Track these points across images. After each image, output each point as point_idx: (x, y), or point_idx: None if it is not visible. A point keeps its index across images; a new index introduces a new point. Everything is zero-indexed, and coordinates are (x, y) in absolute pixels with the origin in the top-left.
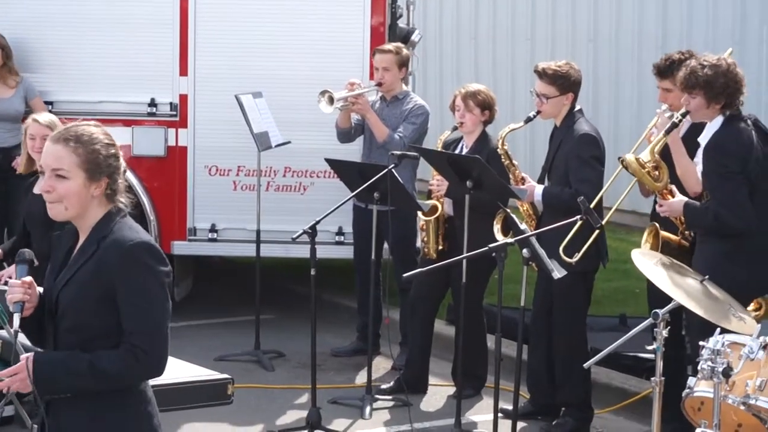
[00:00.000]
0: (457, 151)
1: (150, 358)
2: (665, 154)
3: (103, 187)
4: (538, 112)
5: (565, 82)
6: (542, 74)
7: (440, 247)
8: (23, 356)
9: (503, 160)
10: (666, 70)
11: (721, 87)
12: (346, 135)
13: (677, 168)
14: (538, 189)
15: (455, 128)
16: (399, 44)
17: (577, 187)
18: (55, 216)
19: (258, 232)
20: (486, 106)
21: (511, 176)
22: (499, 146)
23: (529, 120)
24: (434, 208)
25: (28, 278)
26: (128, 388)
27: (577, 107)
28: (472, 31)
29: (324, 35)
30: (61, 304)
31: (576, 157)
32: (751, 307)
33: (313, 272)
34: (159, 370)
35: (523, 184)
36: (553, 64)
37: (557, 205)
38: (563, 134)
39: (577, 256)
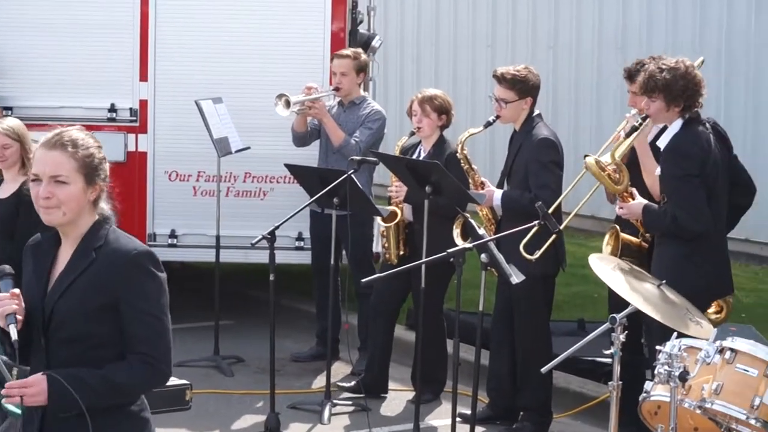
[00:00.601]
0: (415, 156)
1: (163, 366)
2: (632, 158)
3: (98, 191)
4: (497, 117)
5: (524, 87)
6: (501, 79)
7: (401, 253)
8: (39, 373)
9: (462, 164)
10: (636, 74)
11: (680, 90)
12: (301, 139)
13: (644, 172)
14: (497, 194)
15: (412, 133)
16: (357, 50)
17: (536, 192)
18: (50, 222)
19: (218, 237)
20: (443, 110)
21: (470, 180)
22: (459, 150)
23: (488, 125)
24: (394, 214)
25: (16, 290)
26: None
27: (536, 112)
28: (432, 36)
29: (284, 41)
30: (57, 315)
31: (535, 162)
32: (712, 309)
33: (272, 277)
34: (167, 378)
35: (482, 188)
36: (511, 69)
37: (516, 209)
38: (522, 139)
39: (538, 254)
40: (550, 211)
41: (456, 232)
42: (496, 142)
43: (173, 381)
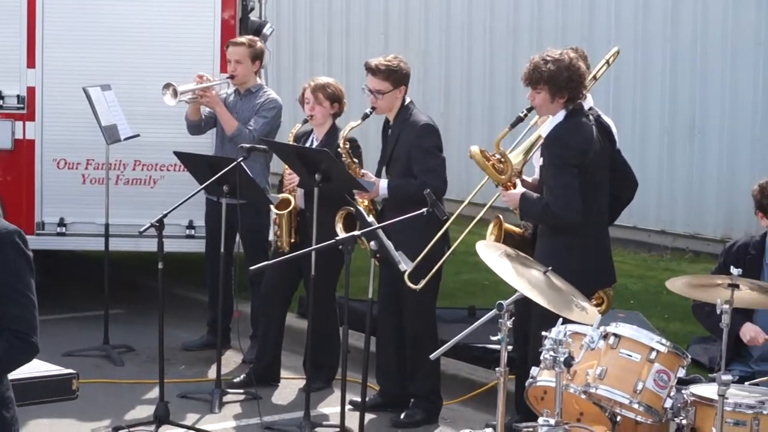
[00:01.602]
0: (307, 144)
1: (34, 339)
2: None
3: None
4: (374, 108)
5: (398, 76)
6: (376, 71)
7: (293, 240)
8: None
9: (344, 158)
10: None
11: (564, 81)
12: (195, 127)
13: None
14: (383, 183)
15: (305, 121)
16: (253, 37)
17: (423, 178)
18: None
19: (107, 225)
20: (335, 98)
21: (352, 174)
22: (341, 144)
23: (365, 116)
24: (286, 202)
25: None
26: None
27: (408, 99)
28: (325, 24)
29: (174, 28)
30: None
31: (418, 148)
32: (593, 301)
33: (160, 266)
34: (38, 351)
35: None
36: (383, 60)
37: (404, 197)
38: (401, 127)
39: (422, 283)
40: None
41: (339, 227)
42: (369, 134)
43: (59, 370)
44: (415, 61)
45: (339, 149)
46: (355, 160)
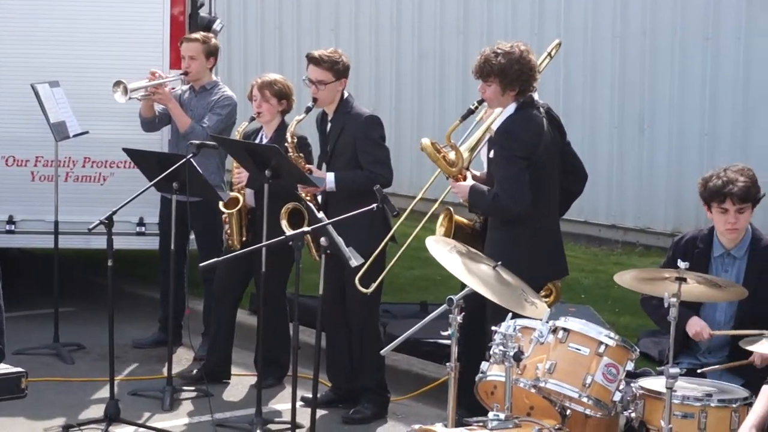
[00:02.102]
0: (257, 141)
1: (2, 347)
2: None
3: None
4: (315, 100)
5: (340, 68)
6: (320, 61)
7: (244, 239)
8: None
9: (291, 153)
10: None
11: (515, 74)
12: (150, 124)
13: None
14: (330, 176)
15: (253, 119)
16: (207, 33)
17: (371, 168)
18: None
19: (56, 223)
20: (283, 95)
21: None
22: (289, 139)
23: (308, 110)
24: (235, 200)
25: None
26: None
27: (346, 93)
28: (276, 20)
29: (123, 24)
30: None
31: (365, 139)
32: (542, 293)
33: (110, 263)
34: (4, 356)
35: (310, 174)
36: (326, 51)
37: (352, 189)
38: (344, 120)
39: (373, 287)
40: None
41: (284, 223)
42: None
43: (7, 369)
44: (366, 56)
45: (286, 144)
46: (301, 154)
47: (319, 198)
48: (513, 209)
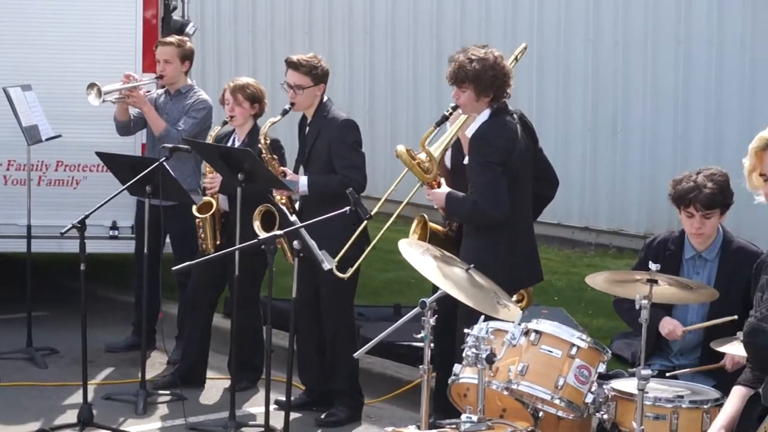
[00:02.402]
0: (229, 145)
1: None
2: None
3: None
4: (293, 104)
5: (318, 73)
6: (298, 65)
7: (218, 242)
8: None
9: (264, 155)
10: None
11: (489, 80)
12: (124, 128)
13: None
14: (303, 180)
15: (225, 122)
16: (183, 37)
17: (345, 173)
18: None
19: (29, 227)
20: (255, 99)
21: (271, 170)
22: (262, 140)
23: (285, 113)
24: (209, 205)
25: None
26: None
27: (326, 98)
28: (249, 23)
29: (96, 27)
30: None
31: (340, 143)
32: (514, 298)
33: (83, 267)
34: None
35: (284, 177)
36: (304, 56)
37: (326, 193)
38: (321, 123)
39: (350, 271)
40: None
41: (257, 224)
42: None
43: None
44: (339, 59)
45: (260, 145)
46: (275, 156)
47: (297, 203)
48: (494, 215)
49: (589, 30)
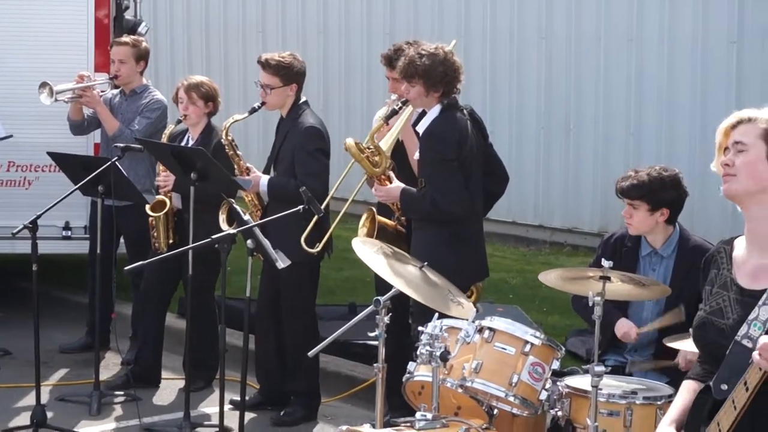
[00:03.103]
0: (183, 144)
1: None
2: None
3: None
4: (263, 103)
5: (289, 73)
6: (266, 65)
7: (171, 241)
8: None
9: (227, 150)
10: (395, 59)
11: (439, 76)
12: (78, 127)
13: (410, 157)
14: (264, 180)
15: (179, 121)
16: (138, 37)
17: (303, 180)
18: None
19: None
20: (209, 97)
21: (236, 167)
22: (224, 137)
23: (253, 110)
24: (162, 204)
25: None
26: None
27: (303, 99)
28: (202, 22)
29: (47, 27)
30: None
31: (302, 150)
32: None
33: (35, 268)
34: None
35: (248, 174)
36: (276, 55)
37: (283, 195)
38: (289, 126)
39: (319, 246)
40: (324, 204)
41: (222, 218)
42: (270, 128)
43: None
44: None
45: (222, 140)
46: (239, 152)
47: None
48: (455, 213)
49: (542, 28)
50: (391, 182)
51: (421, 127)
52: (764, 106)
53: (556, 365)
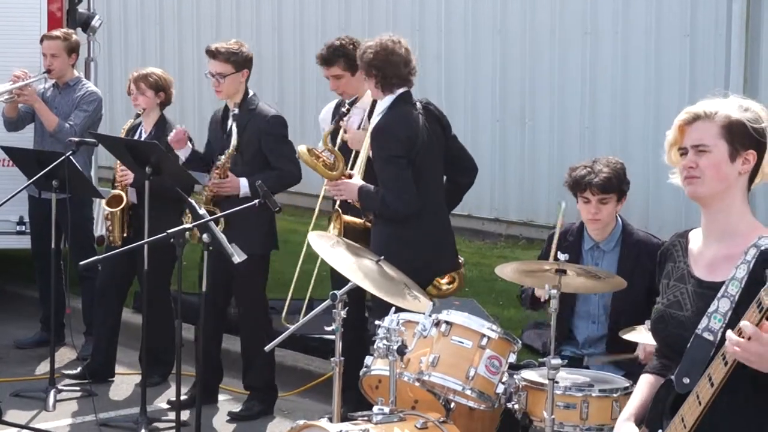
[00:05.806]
0: (136, 137)
1: None
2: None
3: None
4: (219, 92)
5: (239, 59)
6: (216, 53)
7: (125, 235)
8: None
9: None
10: (331, 57)
11: (387, 65)
12: (12, 124)
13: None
14: (243, 181)
15: (138, 115)
16: (68, 30)
17: (280, 166)
18: None
19: None
20: (160, 87)
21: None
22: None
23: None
24: (119, 198)
25: None
26: None
27: (252, 92)
28: (156, 15)
29: None
30: None
31: (272, 136)
32: (445, 279)
33: None
34: None
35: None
36: (224, 43)
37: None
38: (248, 118)
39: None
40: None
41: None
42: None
43: None
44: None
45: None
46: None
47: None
48: (402, 211)
49: (496, 21)
50: (350, 178)
51: (372, 123)
52: (713, 95)
53: (512, 358)
